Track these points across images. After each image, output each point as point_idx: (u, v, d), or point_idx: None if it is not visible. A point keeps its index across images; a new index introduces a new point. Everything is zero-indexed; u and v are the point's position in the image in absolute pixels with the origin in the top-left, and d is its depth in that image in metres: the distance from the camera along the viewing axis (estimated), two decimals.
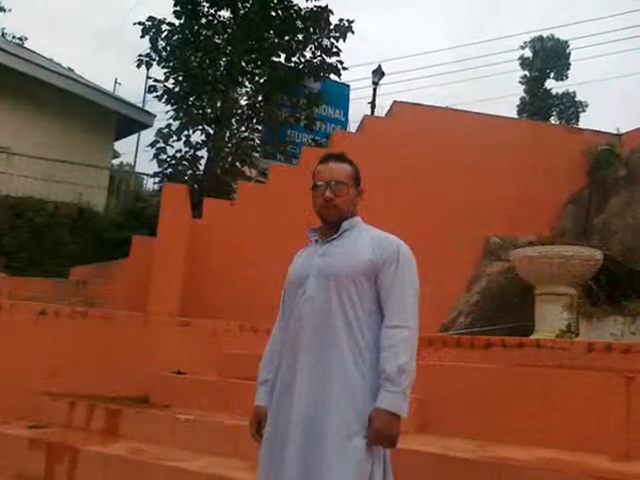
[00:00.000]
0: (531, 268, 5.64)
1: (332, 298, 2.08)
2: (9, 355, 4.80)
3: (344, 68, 11.31)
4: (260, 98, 11.19)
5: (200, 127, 10.71)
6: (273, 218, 7.27)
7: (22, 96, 11.05)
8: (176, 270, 6.20)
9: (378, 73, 16.70)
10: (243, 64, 10.87)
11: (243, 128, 11.16)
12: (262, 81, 11.21)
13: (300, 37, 11.16)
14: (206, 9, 10.85)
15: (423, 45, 68.18)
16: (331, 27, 11.15)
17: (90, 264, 8.79)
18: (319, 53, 11.27)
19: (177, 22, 10.73)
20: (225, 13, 10.89)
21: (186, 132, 10.70)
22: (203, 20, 10.82)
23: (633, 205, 6.74)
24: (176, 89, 10.70)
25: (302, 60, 11.26)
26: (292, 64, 11.21)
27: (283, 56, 11.18)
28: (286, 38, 11.06)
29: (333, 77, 11.52)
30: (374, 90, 16.79)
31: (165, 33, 10.76)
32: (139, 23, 10.75)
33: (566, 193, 7.82)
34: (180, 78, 10.67)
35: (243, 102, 11.29)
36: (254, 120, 11.18)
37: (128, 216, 10.21)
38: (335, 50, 11.23)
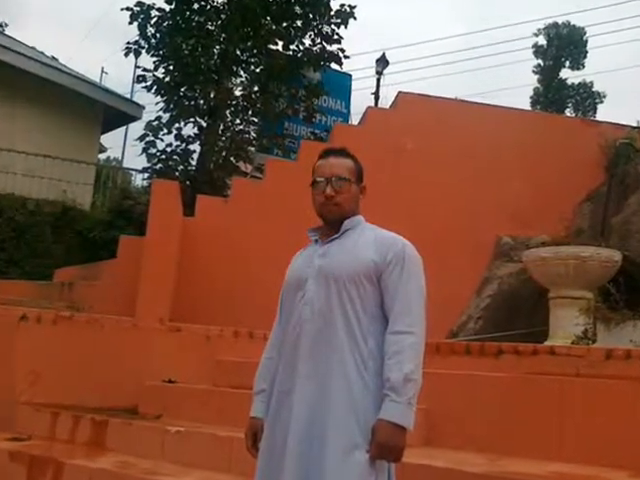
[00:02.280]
0: (545, 270, 5.63)
1: (332, 300, 2.08)
2: None
3: (346, 57, 11.29)
4: (256, 88, 11.17)
5: (192, 119, 10.69)
6: (270, 216, 7.27)
7: (1, 86, 11.02)
8: (167, 271, 6.20)
9: (382, 62, 16.69)
10: (238, 52, 10.85)
11: (238, 120, 11.13)
12: (258, 70, 11.19)
13: (299, 23, 11.12)
14: None
15: (429, 33, 68.26)
16: (332, 13, 11.11)
17: (75, 265, 8.78)
18: (319, 40, 11.23)
19: (167, 7, 10.69)
20: None
21: (177, 125, 10.67)
22: (195, 5, 10.78)
23: None
24: (166, 79, 10.66)
25: (301, 48, 11.22)
26: (290, 52, 11.18)
27: (281, 44, 11.13)
28: (284, 24, 11.02)
29: (334, 66, 11.47)
30: (378, 80, 16.78)
31: (155, 19, 10.71)
32: (127, 8, 10.73)
33: (582, 190, 7.80)
34: (171, 67, 10.64)
35: (238, 93, 11.27)
36: (250, 112, 11.15)
37: (115, 214, 10.18)
38: (336, 37, 11.19)
